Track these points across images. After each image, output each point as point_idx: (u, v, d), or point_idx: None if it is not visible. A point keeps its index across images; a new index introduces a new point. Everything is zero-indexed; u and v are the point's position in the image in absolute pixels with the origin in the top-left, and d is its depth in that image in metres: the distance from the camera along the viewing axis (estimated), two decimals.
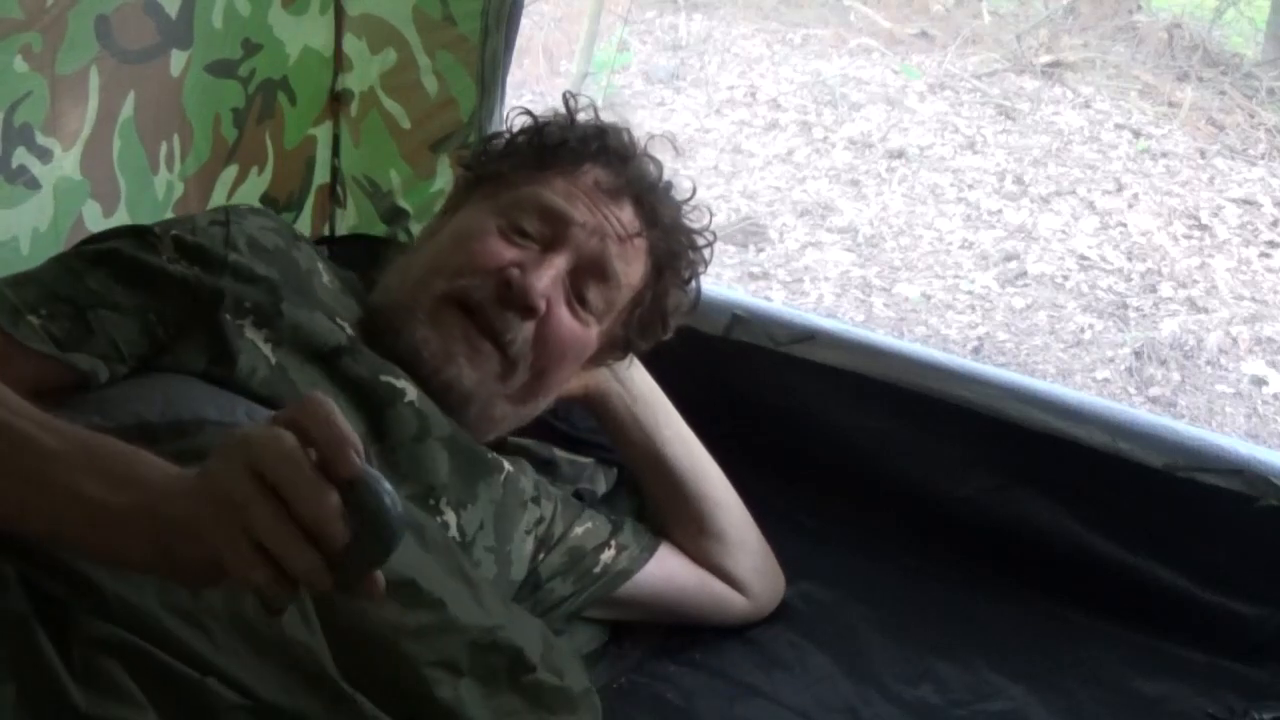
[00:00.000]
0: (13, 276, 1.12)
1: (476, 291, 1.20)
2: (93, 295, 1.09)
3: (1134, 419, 1.53)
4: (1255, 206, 4.09)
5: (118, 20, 1.37)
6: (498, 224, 1.24)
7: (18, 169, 1.30)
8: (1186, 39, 4.99)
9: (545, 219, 1.24)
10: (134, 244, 1.13)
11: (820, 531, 1.63)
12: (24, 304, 1.07)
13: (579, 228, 1.24)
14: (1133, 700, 1.41)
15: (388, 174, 1.85)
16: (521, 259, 1.22)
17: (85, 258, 1.12)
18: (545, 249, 1.23)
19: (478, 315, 1.20)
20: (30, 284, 1.10)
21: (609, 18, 4.71)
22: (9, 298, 1.07)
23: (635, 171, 1.30)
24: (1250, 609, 1.48)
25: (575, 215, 1.24)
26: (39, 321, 1.06)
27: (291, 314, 1.13)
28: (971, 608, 1.54)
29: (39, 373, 1.04)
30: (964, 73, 4.92)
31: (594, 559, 1.36)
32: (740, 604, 1.47)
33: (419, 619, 0.96)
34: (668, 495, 1.47)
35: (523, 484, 1.29)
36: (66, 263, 1.13)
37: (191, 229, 1.15)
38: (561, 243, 1.24)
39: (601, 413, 1.46)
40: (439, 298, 1.20)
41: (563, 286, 1.24)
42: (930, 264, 3.73)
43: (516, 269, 1.21)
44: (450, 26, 1.71)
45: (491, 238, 1.23)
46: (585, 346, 1.29)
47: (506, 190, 1.27)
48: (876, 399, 1.63)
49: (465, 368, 1.20)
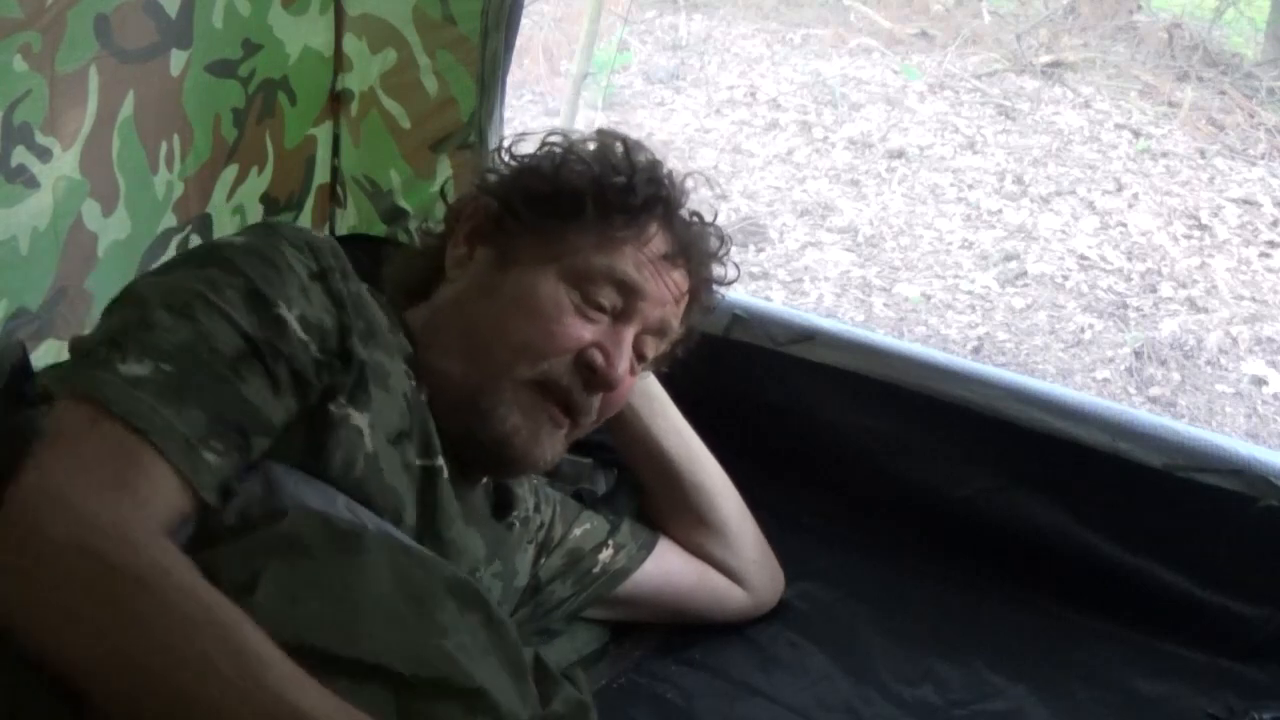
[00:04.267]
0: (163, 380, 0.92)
1: (561, 377, 1.16)
2: (253, 415, 0.96)
3: (1134, 419, 1.53)
4: (1255, 206, 4.09)
5: (117, 19, 1.37)
6: (572, 299, 1.18)
7: (17, 168, 1.30)
8: (1186, 39, 4.99)
9: (620, 292, 1.20)
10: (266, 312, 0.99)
11: (820, 531, 1.63)
12: (194, 432, 0.91)
13: (649, 301, 1.22)
14: (1133, 700, 1.41)
15: (388, 174, 1.85)
16: (599, 338, 1.18)
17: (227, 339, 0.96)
18: (616, 319, 1.20)
19: (562, 400, 1.17)
20: (188, 397, 0.92)
21: (609, 18, 4.71)
22: (173, 424, 0.90)
23: (691, 235, 1.27)
24: (1250, 609, 1.48)
25: (648, 289, 1.21)
26: (215, 460, 0.92)
27: (378, 393, 1.06)
28: (971, 608, 1.54)
29: (190, 513, 0.92)
30: (964, 73, 4.92)
31: (592, 559, 1.37)
32: (740, 598, 1.47)
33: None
34: (665, 487, 1.47)
35: (528, 512, 1.31)
36: (209, 343, 0.95)
37: (302, 288, 1.02)
38: (632, 314, 1.21)
39: None
40: (522, 382, 1.16)
41: None
42: (930, 264, 3.73)
43: (598, 352, 1.18)
44: (450, 26, 1.71)
45: (569, 316, 1.17)
46: (631, 388, 1.29)
47: (573, 255, 1.19)
48: (876, 399, 1.63)
49: (549, 445, 1.18)
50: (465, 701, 0.93)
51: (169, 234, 1.58)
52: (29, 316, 1.37)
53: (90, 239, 1.44)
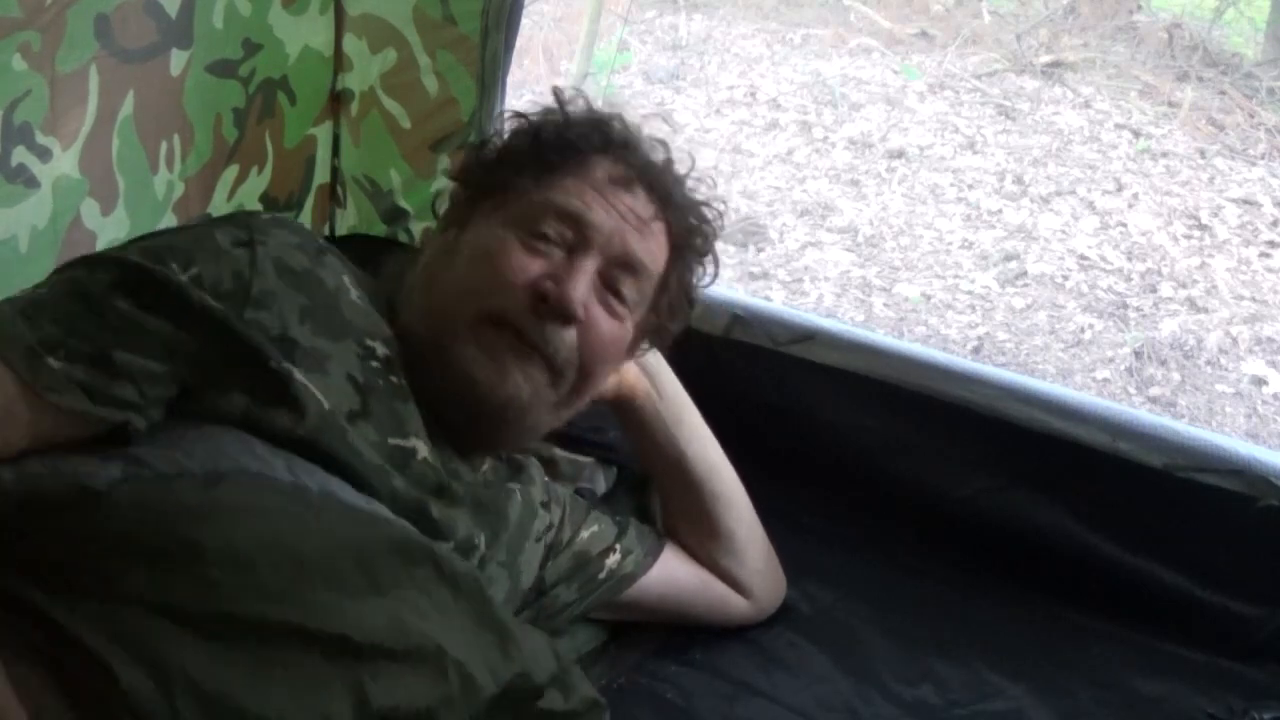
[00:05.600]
0: (21, 298, 0.99)
1: (511, 309, 1.16)
2: (115, 332, 0.98)
3: (1134, 419, 1.53)
4: (1255, 206, 4.09)
5: (117, 19, 1.37)
6: (517, 235, 1.20)
7: (17, 168, 1.30)
8: (1186, 39, 4.99)
9: (564, 222, 1.20)
10: (153, 261, 1.03)
11: (820, 531, 1.63)
12: (42, 344, 0.94)
13: (598, 229, 1.21)
14: (1133, 700, 1.41)
15: (388, 174, 1.85)
16: (551, 269, 1.18)
17: (102, 280, 1.00)
18: (571, 253, 1.20)
19: (518, 332, 1.17)
20: (44, 314, 0.97)
21: (609, 18, 4.71)
22: (23, 334, 0.94)
23: (642, 156, 1.28)
24: (1250, 609, 1.48)
25: (593, 216, 1.21)
26: (60, 366, 0.94)
27: (314, 376, 1.06)
28: (971, 608, 1.54)
29: (57, 425, 0.95)
30: (964, 73, 4.92)
31: (599, 564, 1.36)
32: (741, 606, 1.47)
33: (447, 691, 0.96)
34: (683, 495, 1.46)
35: (534, 494, 1.30)
36: (80, 285, 1.00)
37: (215, 253, 1.06)
38: (586, 245, 1.20)
39: (628, 411, 1.45)
40: (474, 320, 1.16)
41: (595, 287, 1.21)
42: (930, 264, 3.73)
43: (549, 280, 1.17)
44: (450, 26, 1.71)
45: (514, 251, 1.19)
46: (624, 342, 1.27)
47: (516, 199, 1.23)
48: (876, 399, 1.63)
49: (520, 380, 1.17)
50: (416, 661, 0.94)
51: None
52: None
53: (89, 238, 1.44)
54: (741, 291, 1.58)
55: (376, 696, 0.92)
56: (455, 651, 0.97)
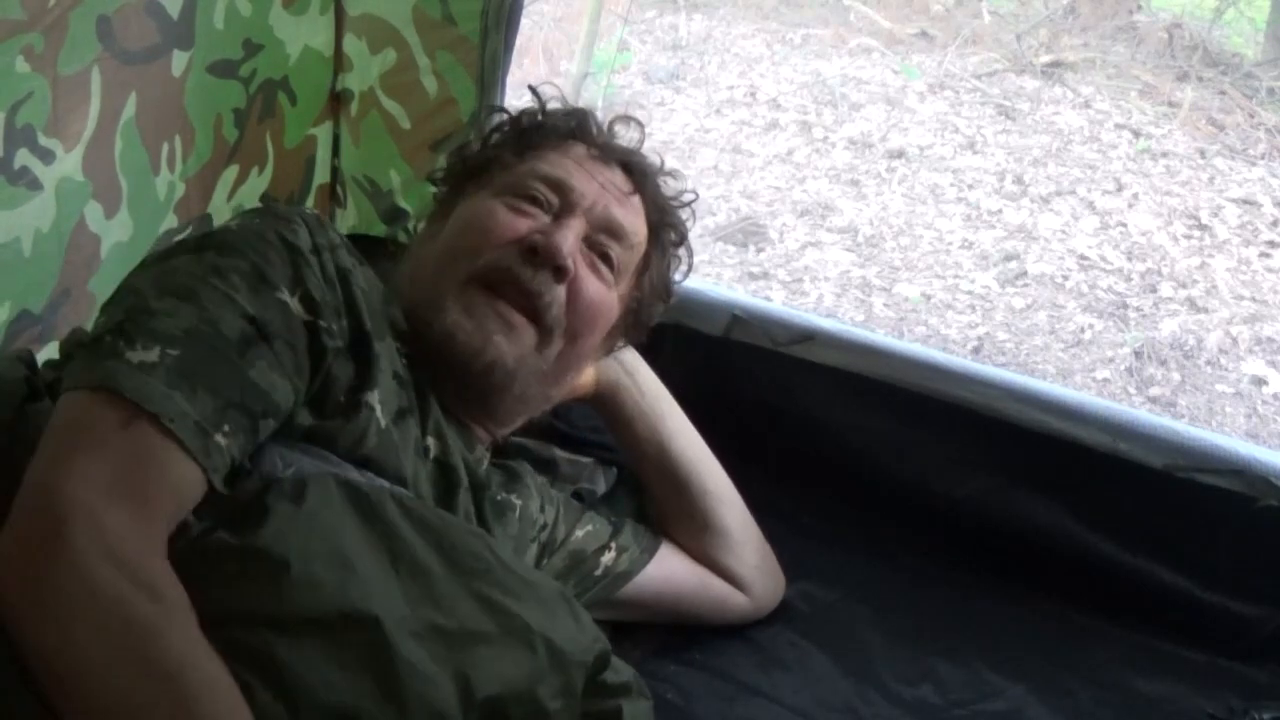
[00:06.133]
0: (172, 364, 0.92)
1: (502, 262, 1.19)
2: (262, 398, 0.96)
3: (1134, 419, 1.53)
4: (1255, 206, 4.09)
5: (119, 21, 1.37)
6: (503, 201, 1.24)
7: (20, 170, 1.30)
8: (1186, 39, 4.99)
9: (549, 187, 1.24)
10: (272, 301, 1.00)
11: (820, 531, 1.63)
12: (206, 418, 0.91)
13: (582, 193, 1.25)
14: (1133, 700, 1.41)
15: (388, 174, 1.85)
16: (540, 226, 1.22)
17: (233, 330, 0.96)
18: (557, 216, 1.24)
19: (509, 288, 1.19)
20: (198, 381, 0.92)
21: (609, 18, 4.71)
22: (186, 409, 0.90)
23: (617, 144, 1.34)
24: (1250, 609, 1.48)
25: (576, 182, 1.25)
26: (225, 443, 0.92)
27: (375, 372, 1.07)
28: (971, 608, 1.54)
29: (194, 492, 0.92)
30: (964, 73, 4.92)
31: (594, 562, 1.37)
32: (741, 602, 1.47)
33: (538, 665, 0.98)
34: (671, 491, 1.47)
35: (531, 510, 1.31)
36: (211, 339, 0.95)
37: (306, 265, 1.03)
38: (571, 207, 1.24)
39: (610, 408, 1.46)
40: (462, 282, 1.18)
41: (582, 250, 1.24)
42: (930, 264, 3.73)
43: (539, 234, 1.20)
44: (450, 26, 1.71)
45: (502, 213, 1.22)
46: (611, 309, 1.29)
47: (500, 173, 1.28)
48: (876, 399, 1.63)
49: (504, 344, 1.18)
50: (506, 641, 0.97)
51: (170, 235, 1.58)
52: (32, 319, 1.37)
53: (93, 241, 1.44)
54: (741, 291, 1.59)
55: (480, 684, 0.93)
56: (538, 625, 0.99)
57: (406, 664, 0.90)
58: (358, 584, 0.91)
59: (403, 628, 0.91)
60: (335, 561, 0.92)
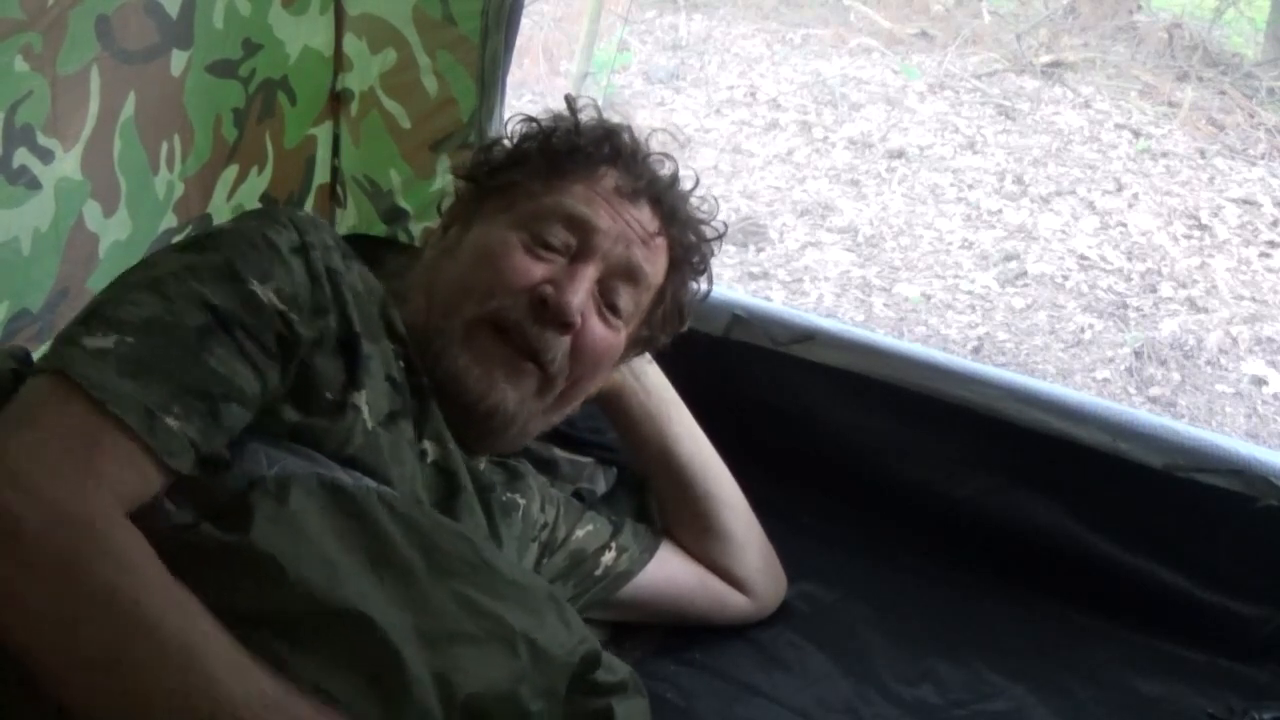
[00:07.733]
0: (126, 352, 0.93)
1: (511, 312, 1.17)
2: (221, 382, 0.96)
3: (1134, 419, 1.53)
4: (1255, 206, 4.09)
5: (118, 20, 1.37)
6: (521, 239, 1.20)
7: (19, 169, 1.30)
8: (1186, 39, 4.99)
9: (570, 228, 1.21)
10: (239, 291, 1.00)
11: (820, 531, 1.63)
12: (155, 403, 0.91)
13: (604, 235, 1.21)
14: (1133, 700, 1.41)
15: (388, 174, 1.85)
16: (552, 275, 1.19)
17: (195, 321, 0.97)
18: (573, 260, 1.21)
19: (514, 335, 1.17)
20: (151, 367, 0.93)
21: (609, 18, 4.71)
22: (131, 393, 0.91)
23: (649, 170, 1.29)
24: (1250, 609, 1.48)
25: (600, 223, 1.21)
26: (177, 425, 0.92)
27: (363, 375, 1.07)
28: (971, 608, 1.54)
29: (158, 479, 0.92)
30: (964, 73, 4.92)
31: (595, 561, 1.37)
32: (741, 604, 1.47)
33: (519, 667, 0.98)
34: (675, 492, 1.47)
35: (533, 511, 1.31)
36: (171, 328, 0.96)
37: (283, 262, 1.03)
38: (589, 252, 1.21)
39: (616, 409, 1.46)
40: (471, 322, 1.17)
41: (593, 295, 1.22)
42: (930, 264, 3.73)
43: (549, 286, 1.18)
44: (450, 26, 1.71)
45: (517, 254, 1.19)
46: (616, 352, 1.28)
47: (524, 200, 1.24)
48: (876, 399, 1.63)
49: (508, 390, 1.17)
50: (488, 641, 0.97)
51: (169, 234, 1.58)
52: (30, 318, 1.37)
53: (92, 240, 1.44)
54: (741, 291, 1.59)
55: (460, 685, 0.93)
56: (521, 626, 0.98)
57: (399, 661, 0.90)
58: (342, 583, 0.92)
59: (388, 626, 0.91)
60: (319, 561, 0.92)
